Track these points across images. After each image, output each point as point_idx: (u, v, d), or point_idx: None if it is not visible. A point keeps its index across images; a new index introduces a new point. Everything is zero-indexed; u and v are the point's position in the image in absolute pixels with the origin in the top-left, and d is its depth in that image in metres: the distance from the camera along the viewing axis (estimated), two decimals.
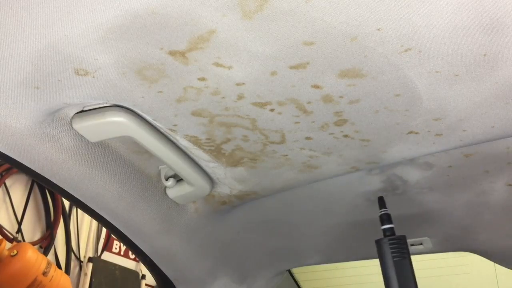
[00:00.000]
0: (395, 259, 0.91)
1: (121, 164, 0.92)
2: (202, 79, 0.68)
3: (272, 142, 0.84)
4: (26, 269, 2.36)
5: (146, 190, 0.99)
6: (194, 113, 0.76)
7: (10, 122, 0.73)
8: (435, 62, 0.64)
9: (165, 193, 1.02)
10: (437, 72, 0.66)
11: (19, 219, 2.77)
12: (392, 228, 0.95)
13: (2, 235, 2.56)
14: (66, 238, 3.12)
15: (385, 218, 0.96)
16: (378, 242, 0.94)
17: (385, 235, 0.95)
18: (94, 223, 3.44)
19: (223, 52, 0.62)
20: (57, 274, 2.55)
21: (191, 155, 0.91)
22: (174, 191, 1.01)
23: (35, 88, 0.69)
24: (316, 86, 0.69)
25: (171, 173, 0.99)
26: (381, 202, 0.99)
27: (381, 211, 0.97)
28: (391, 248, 0.92)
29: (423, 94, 0.70)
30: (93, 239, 3.39)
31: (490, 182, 0.95)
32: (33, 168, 0.83)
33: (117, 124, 0.77)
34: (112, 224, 1.02)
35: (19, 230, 2.74)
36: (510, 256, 1.25)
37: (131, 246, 1.10)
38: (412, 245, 1.21)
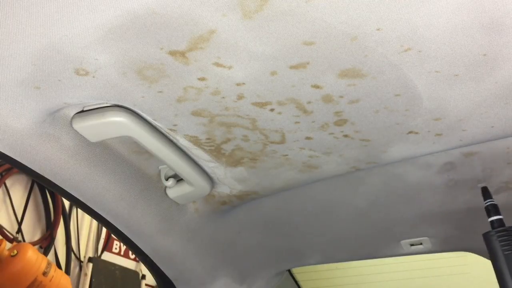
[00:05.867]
0: (506, 252, 0.83)
1: (121, 164, 0.92)
2: (202, 79, 0.68)
3: (272, 142, 0.84)
4: (26, 269, 2.36)
5: (146, 190, 0.99)
6: (194, 113, 0.76)
7: (11, 122, 0.73)
8: (435, 62, 0.64)
9: (165, 193, 1.02)
10: (437, 72, 0.66)
11: (19, 219, 2.77)
12: (501, 219, 0.86)
13: (2, 235, 2.56)
14: (66, 238, 3.12)
15: (492, 209, 0.88)
16: (485, 236, 0.86)
17: (493, 228, 0.86)
18: (94, 223, 3.44)
19: (223, 52, 0.62)
20: (57, 274, 2.55)
21: (191, 155, 0.91)
22: (174, 191, 1.01)
23: (36, 88, 0.69)
24: (316, 86, 0.69)
25: (171, 173, 0.99)
26: (486, 192, 0.91)
27: (486, 202, 0.89)
28: (501, 241, 0.83)
29: (423, 94, 0.70)
30: (93, 239, 3.39)
31: (490, 182, 0.95)
32: (33, 168, 0.83)
33: (117, 124, 0.77)
34: (112, 224, 1.02)
35: (19, 230, 2.73)
36: None
37: (131, 246, 1.10)
38: (412, 245, 1.21)
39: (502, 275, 0.82)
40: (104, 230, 3.49)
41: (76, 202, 0.94)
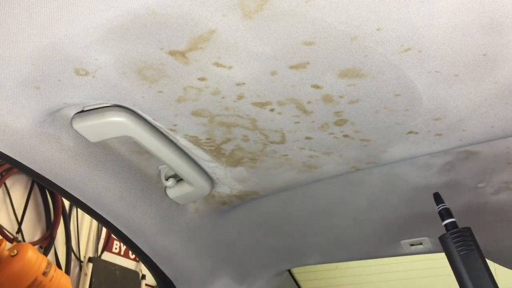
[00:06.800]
0: (461, 253, 0.86)
1: (121, 164, 0.92)
2: (202, 79, 0.68)
3: (272, 142, 0.84)
4: (26, 269, 2.36)
5: (146, 190, 0.99)
6: (194, 113, 0.76)
7: (11, 122, 0.74)
8: (435, 62, 0.64)
9: (165, 193, 1.02)
10: (437, 72, 0.66)
11: (19, 219, 2.77)
12: (454, 222, 0.90)
13: (2, 235, 2.56)
14: (66, 238, 3.12)
15: (445, 213, 0.91)
16: (441, 239, 0.90)
17: (447, 230, 0.90)
18: (94, 223, 3.44)
19: (223, 52, 0.62)
20: (57, 274, 2.55)
21: (191, 155, 0.91)
22: (174, 191, 1.01)
23: (36, 88, 0.69)
24: (316, 86, 0.69)
25: (171, 173, 0.99)
26: (438, 197, 0.94)
27: (439, 207, 0.93)
28: (455, 242, 0.87)
29: (423, 94, 0.70)
30: (93, 239, 3.39)
31: (490, 182, 0.95)
32: (33, 168, 0.83)
33: (117, 124, 0.77)
34: (112, 224, 1.02)
35: (19, 230, 2.74)
36: (510, 256, 1.25)
37: (131, 246, 1.10)
38: (412, 245, 1.21)
39: (460, 274, 0.85)
40: (104, 230, 3.50)
41: (76, 202, 0.94)
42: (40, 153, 0.80)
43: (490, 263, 1.38)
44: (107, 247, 3.51)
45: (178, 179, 1.00)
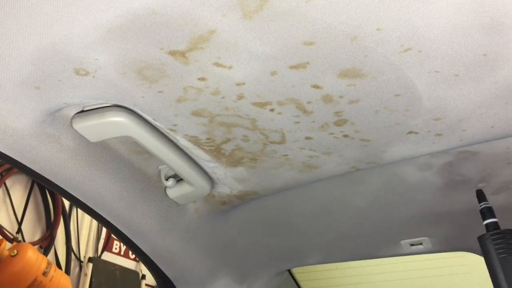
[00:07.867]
0: (501, 256, 0.81)
1: (121, 164, 0.92)
2: (202, 79, 0.68)
3: (272, 142, 0.84)
4: (26, 269, 2.36)
5: (146, 190, 0.99)
6: (194, 113, 0.76)
7: (11, 122, 0.74)
8: (435, 62, 0.64)
9: (165, 193, 1.02)
10: (437, 72, 0.66)
11: (19, 219, 2.77)
12: (496, 222, 0.85)
13: (2, 235, 2.56)
14: (66, 238, 3.12)
15: (487, 212, 0.87)
16: (480, 239, 0.85)
17: (488, 230, 0.85)
18: (94, 223, 3.44)
19: (223, 52, 0.62)
20: (57, 274, 2.55)
21: (191, 155, 0.92)
22: (174, 191, 1.01)
23: (36, 88, 0.69)
24: (316, 86, 0.69)
25: (171, 173, 1.00)
26: (481, 195, 0.89)
27: (481, 205, 0.88)
28: (496, 244, 0.82)
29: (423, 94, 0.70)
30: (93, 239, 3.39)
31: (490, 182, 0.95)
32: (33, 168, 0.83)
33: (117, 124, 0.77)
34: (112, 224, 1.02)
35: (19, 230, 2.73)
36: None
37: (131, 246, 1.10)
38: (412, 245, 1.21)
39: (496, 278, 0.81)
40: (104, 230, 3.50)
41: (76, 202, 0.94)
42: (40, 153, 0.80)
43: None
44: (107, 247, 3.51)
45: (178, 179, 1.00)
